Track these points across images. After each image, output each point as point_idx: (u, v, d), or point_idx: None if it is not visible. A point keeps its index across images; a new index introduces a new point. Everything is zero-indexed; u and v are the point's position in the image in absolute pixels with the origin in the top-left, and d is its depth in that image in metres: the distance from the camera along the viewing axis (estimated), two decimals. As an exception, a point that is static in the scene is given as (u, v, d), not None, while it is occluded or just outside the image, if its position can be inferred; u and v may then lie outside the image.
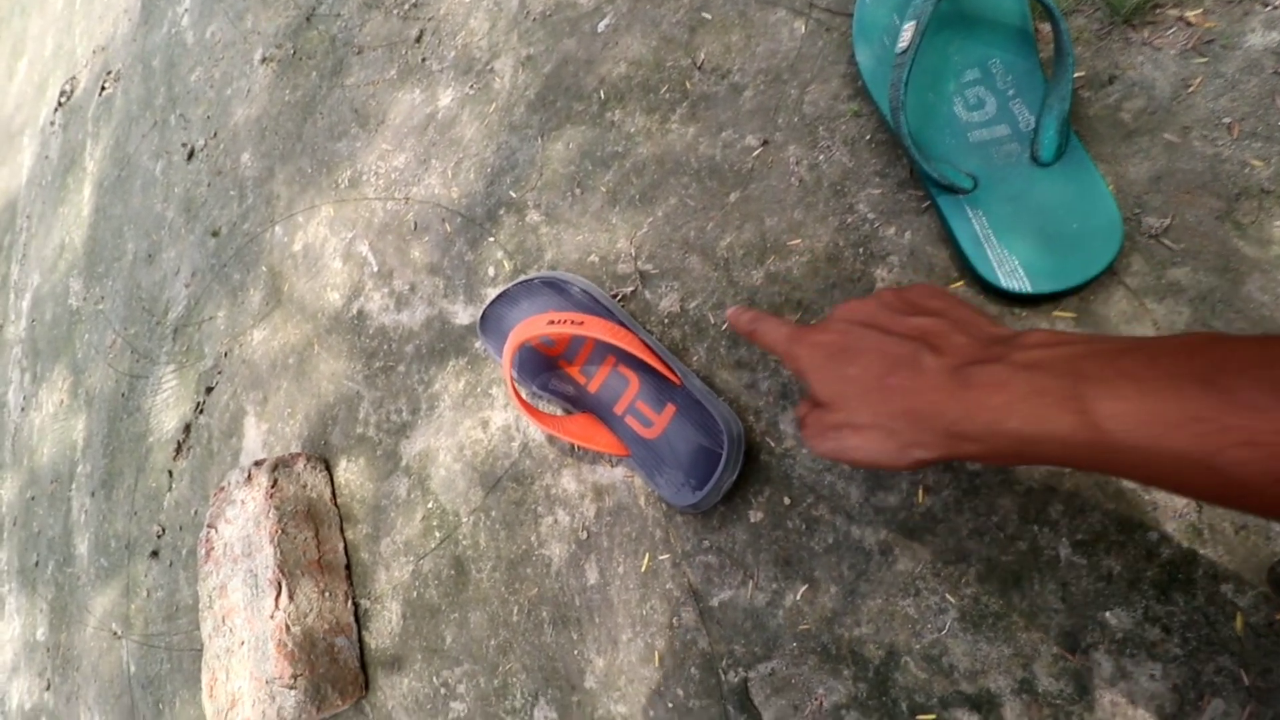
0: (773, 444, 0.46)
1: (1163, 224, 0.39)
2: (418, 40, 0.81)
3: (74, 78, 1.59)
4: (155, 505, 0.93)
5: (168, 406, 0.96)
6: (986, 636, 0.38)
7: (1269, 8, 0.39)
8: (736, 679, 0.45)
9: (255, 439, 0.81)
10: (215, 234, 0.99)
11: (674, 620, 0.48)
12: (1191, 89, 0.40)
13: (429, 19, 0.81)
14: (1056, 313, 0.40)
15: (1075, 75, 0.42)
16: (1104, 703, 0.35)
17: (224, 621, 0.61)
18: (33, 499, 1.20)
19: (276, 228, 0.89)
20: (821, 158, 0.49)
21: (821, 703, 0.42)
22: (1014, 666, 0.37)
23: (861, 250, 0.46)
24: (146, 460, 0.96)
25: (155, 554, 0.89)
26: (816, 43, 0.52)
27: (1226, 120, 0.39)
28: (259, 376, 0.83)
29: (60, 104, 1.59)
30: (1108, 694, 0.35)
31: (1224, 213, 0.38)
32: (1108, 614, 0.36)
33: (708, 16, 0.58)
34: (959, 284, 0.43)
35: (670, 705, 0.47)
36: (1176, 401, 0.22)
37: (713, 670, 0.46)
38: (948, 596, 0.39)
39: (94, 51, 1.55)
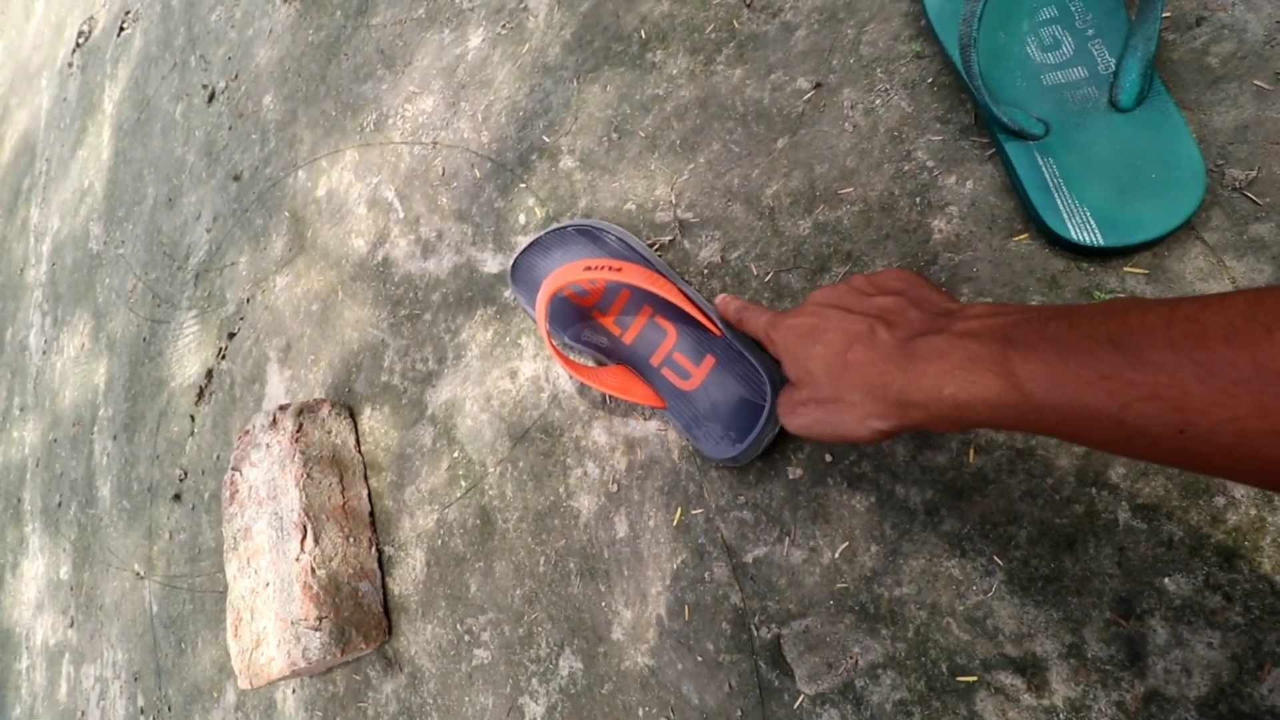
0: (815, 399, 0.45)
1: (1248, 176, 0.37)
2: (447, -22, 0.78)
3: (92, 18, 1.56)
4: (177, 449, 0.93)
5: (190, 352, 0.96)
6: (1035, 600, 0.37)
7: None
8: (769, 635, 0.44)
9: (278, 385, 0.80)
10: (237, 178, 0.97)
11: (705, 575, 0.47)
12: (1291, 30, 0.37)
13: (460, -45, 0.78)
14: (1128, 268, 0.38)
15: (1163, 16, 0.40)
16: (1156, 670, 0.34)
17: (249, 563, 0.62)
18: (55, 441, 1.21)
19: (300, 172, 0.88)
20: (878, 102, 0.47)
21: (857, 661, 0.41)
22: (1063, 631, 0.36)
23: (919, 200, 0.44)
24: (168, 405, 0.97)
25: (178, 497, 0.90)
26: (877, -21, 0.49)
27: (1329, 64, 0.36)
28: (282, 323, 0.83)
29: (78, 44, 1.56)
30: (1161, 661, 0.34)
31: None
32: (1166, 580, 0.34)
33: (759, -49, 0.54)
34: (1023, 236, 0.41)
35: (699, 659, 0.46)
36: (1090, 362, 0.23)
37: (744, 626, 0.45)
38: (995, 558, 0.38)
39: (111, -9, 1.52)
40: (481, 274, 0.65)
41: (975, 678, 0.38)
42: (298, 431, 0.63)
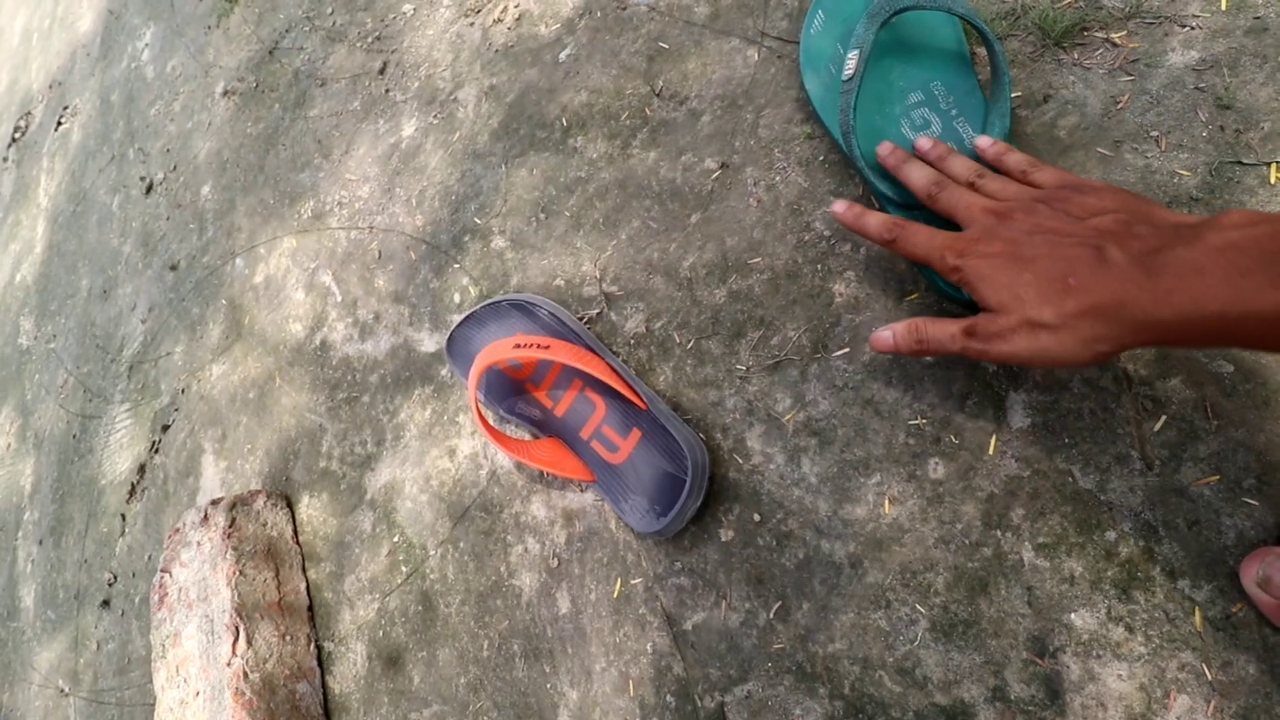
0: (740, 461, 0.46)
1: (1103, 234, 0.41)
2: (381, 72, 0.81)
3: (29, 113, 1.56)
4: (107, 552, 0.89)
5: (122, 447, 0.92)
6: (958, 645, 0.38)
7: (1186, 28, 0.42)
8: (713, 704, 0.44)
9: (213, 477, 0.78)
10: (174, 268, 0.97)
11: (648, 646, 0.47)
12: (1121, 105, 0.42)
13: (392, 51, 0.82)
14: (1008, 322, 0.41)
15: (1012, 95, 0.44)
16: (1074, 706, 0.35)
17: (178, 671, 0.58)
18: (-25, 550, 1.13)
19: (237, 260, 0.88)
20: (778, 179, 0.50)
21: (798, 723, 0.41)
22: (986, 674, 0.37)
23: (819, 266, 0.47)
24: (98, 504, 0.92)
25: (106, 603, 0.85)
26: (769, 69, 0.54)
27: (1154, 134, 0.41)
28: (218, 413, 0.81)
29: (14, 139, 1.56)
30: (1077, 697, 0.35)
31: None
32: (1073, 616, 0.36)
33: (665, 46, 0.59)
34: (915, 295, 0.44)
35: (646, 734, 0.46)
36: None
37: (689, 696, 0.45)
38: (918, 606, 0.39)
39: (50, 86, 1.53)
40: (419, 354, 0.65)
41: (910, 731, 0.38)
42: (230, 527, 0.61)
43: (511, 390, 0.55)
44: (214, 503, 0.63)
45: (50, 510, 1.00)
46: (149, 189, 1.08)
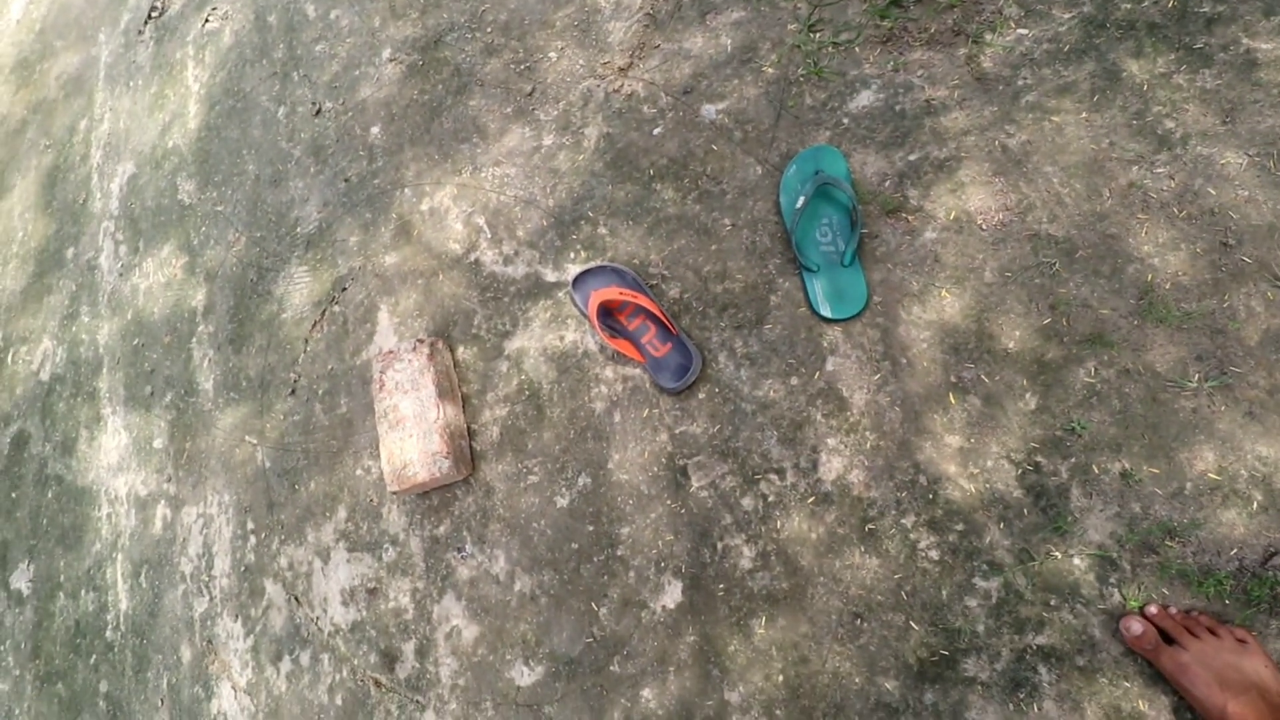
0: (714, 367, 1.03)
1: (880, 302, 0.99)
2: (529, 94, 1.28)
3: (165, -2, 1.85)
4: (289, 359, 1.36)
5: (303, 295, 1.38)
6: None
7: (934, 220, 0.99)
8: (680, 464, 1.02)
9: (388, 326, 1.27)
10: (346, 180, 1.41)
11: (656, 438, 1.04)
12: (903, 247, 0.99)
13: (539, 81, 1.29)
14: (833, 324, 0.99)
15: (862, 231, 1.01)
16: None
17: (397, 425, 1.10)
18: (141, 345, 1.56)
19: (405, 190, 1.34)
20: (758, 239, 1.05)
21: (717, 482, 0.99)
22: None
23: (768, 286, 1.03)
24: (279, 331, 1.39)
25: (293, 391, 1.33)
26: (765, 180, 1.08)
27: (911, 263, 0.98)
28: (390, 285, 1.29)
29: (150, 18, 1.85)
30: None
31: (913, 299, 0.98)
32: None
33: (715, 148, 1.12)
34: (804, 309, 1.01)
35: (648, 474, 1.03)
36: None
37: (671, 461, 1.02)
38: (807, 416, 0.98)
39: (190, -19, 1.82)
40: (544, 281, 1.17)
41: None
42: (430, 351, 1.12)
43: (606, 313, 1.09)
44: (419, 340, 1.14)
45: (228, 328, 1.45)
46: (318, 112, 1.49)
